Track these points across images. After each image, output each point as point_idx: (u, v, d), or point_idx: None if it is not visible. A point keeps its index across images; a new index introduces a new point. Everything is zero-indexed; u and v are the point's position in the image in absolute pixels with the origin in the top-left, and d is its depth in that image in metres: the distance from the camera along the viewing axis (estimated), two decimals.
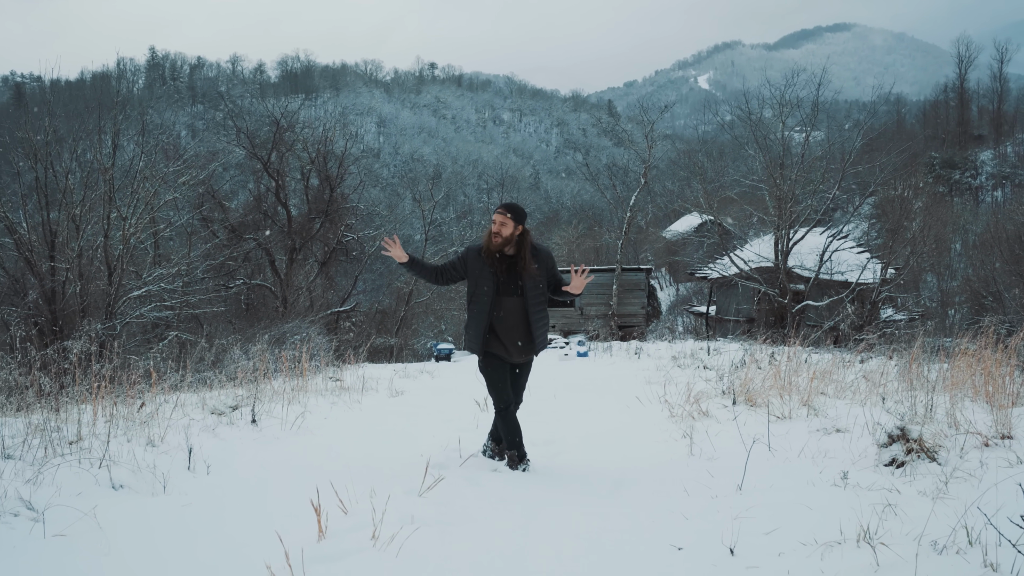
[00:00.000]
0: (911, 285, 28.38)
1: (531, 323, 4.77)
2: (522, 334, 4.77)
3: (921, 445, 4.23)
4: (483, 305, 4.72)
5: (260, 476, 4.73)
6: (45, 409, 5.34)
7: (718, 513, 3.83)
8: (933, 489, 3.74)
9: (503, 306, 4.73)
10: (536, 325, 4.80)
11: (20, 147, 12.77)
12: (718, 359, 12.43)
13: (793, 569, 3.04)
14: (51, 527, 3.32)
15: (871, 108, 28.56)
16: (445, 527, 3.68)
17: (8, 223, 12.32)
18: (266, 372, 8.49)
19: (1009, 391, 5.46)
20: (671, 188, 41.25)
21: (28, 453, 4.22)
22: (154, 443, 4.99)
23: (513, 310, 4.73)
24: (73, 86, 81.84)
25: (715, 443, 5.38)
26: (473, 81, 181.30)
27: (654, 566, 3.23)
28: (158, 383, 6.84)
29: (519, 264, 4.72)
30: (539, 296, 4.81)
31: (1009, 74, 76.46)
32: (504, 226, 4.66)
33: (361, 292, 27.99)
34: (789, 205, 23.18)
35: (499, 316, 4.73)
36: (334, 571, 3.11)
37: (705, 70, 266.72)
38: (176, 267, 15.88)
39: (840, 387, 7.03)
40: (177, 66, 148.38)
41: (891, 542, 3.09)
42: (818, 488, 4.07)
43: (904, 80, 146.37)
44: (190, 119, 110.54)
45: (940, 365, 6.92)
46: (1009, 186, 54.59)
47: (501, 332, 4.74)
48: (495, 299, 4.71)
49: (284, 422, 6.36)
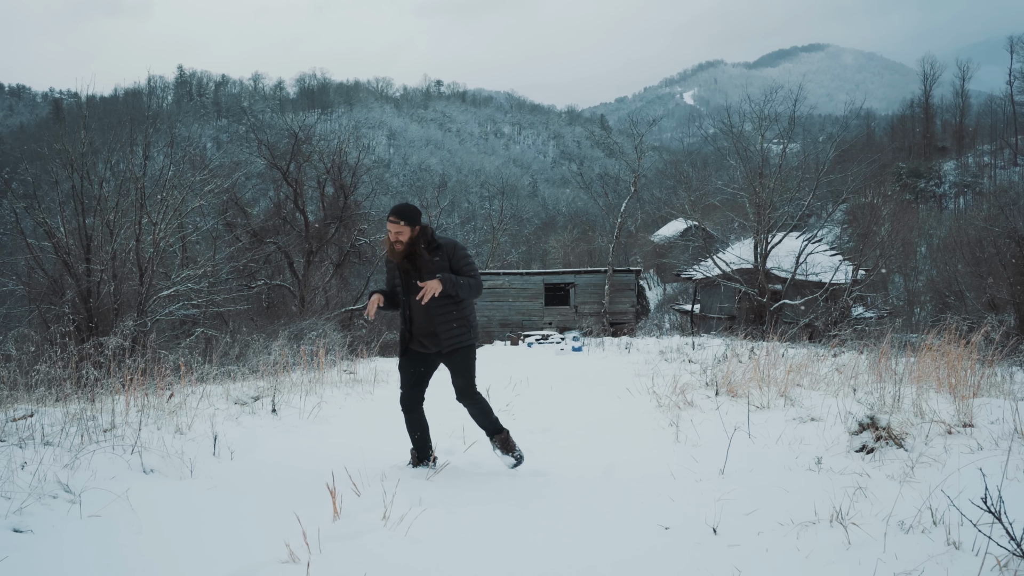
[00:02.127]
0: (880, 285, 28.37)
1: (432, 317, 4.40)
2: (429, 330, 4.43)
3: (889, 433, 4.23)
4: (402, 307, 4.52)
5: (280, 461, 4.73)
6: (81, 399, 5.34)
7: (702, 496, 3.83)
8: (900, 473, 3.74)
9: (412, 305, 4.44)
10: (438, 320, 4.41)
11: (58, 158, 12.78)
12: (702, 353, 12.42)
13: (771, 547, 3.04)
14: (87, 508, 3.32)
15: (843, 122, 28.48)
16: (451, 508, 3.68)
17: (47, 228, 12.33)
18: (285, 365, 8.48)
19: (970, 383, 5.46)
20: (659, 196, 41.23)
21: (66, 440, 4.22)
22: (182, 431, 4.99)
23: (419, 307, 4.40)
24: (107, 102, 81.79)
25: (699, 431, 5.38)
26: (476, 97, 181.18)
27: (643, 544, 3.23)
28: (186, 375, 6.83)
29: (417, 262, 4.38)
30: None
31: (970, 91, 76.48)
32: (400, 234, 4.32)
33: (373, 291, 28.03)
34: (767, 211, 23.16)
35: (410, 315, 4.48)
36: (348, 549, 3.11)
37: (690, 87, 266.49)
38: (202, 269, 15.86)
39: (814, 379, 7.02)
40: (203, 83, 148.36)
41: (862, 522, 3.09)
42: (794, 472, 4.07)
43: (874, 96, 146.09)
44: (215, 132, 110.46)
45: (907, 359, 6.91)
46: (970, 194, 54.55)
47: (416, 330, 4.48)
48: (406, 300, 4.46)
49: (302, 412, 6.36)
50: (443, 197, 37.07)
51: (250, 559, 2.97)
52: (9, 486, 3.34)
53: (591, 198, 36.50)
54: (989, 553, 2.48)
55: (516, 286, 29.02)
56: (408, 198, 57.11)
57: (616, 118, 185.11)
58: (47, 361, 5.74)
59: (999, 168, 59.28)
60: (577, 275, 29.12)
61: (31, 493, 3.32)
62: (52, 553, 2.88)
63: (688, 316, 32.12)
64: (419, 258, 4.36)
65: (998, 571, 2.42)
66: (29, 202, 12.72)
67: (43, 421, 4.49)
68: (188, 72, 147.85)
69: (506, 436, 4.61)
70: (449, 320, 4.44)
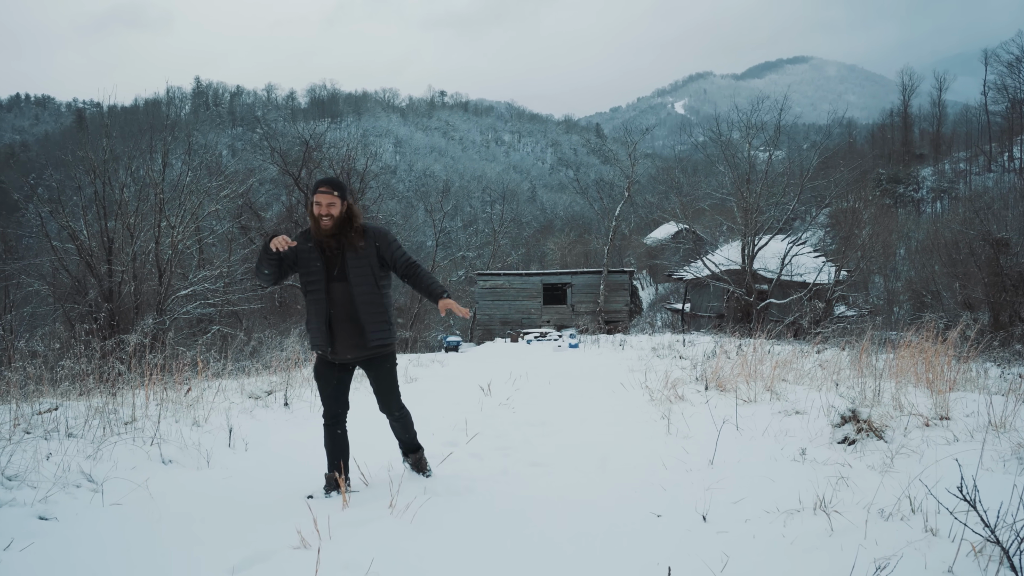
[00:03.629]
0: (861, 285, 28.34)
1: (359, 311, 3.61)
2: (354, 327, 3.65)
3: (870, 425, 4.22)
4: (314, 299, 3.66)
5: (292, 453, 4.73)
6: (104, 394, 5.34)
7: (692, 485, 3.83)
8: (880, 464, 3.74)
9: (332, 296, 3.64)
10: (365, 315, 3.62)
11: (81, 165, 12.80)
12: (692, 350, 12.41)
13: (758, 533, 3.04)
14: (109, 497, 3.32)
15: (826, 131, 28.51)
16: (453, 496, 3.68)
17: (71, 231, 12.33)
18: (297, 361, 8.48)
19: (947, 378, 5.46)
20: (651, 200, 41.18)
21: (89, 432, 4.22)
22: (199, 423, 4.99)
23: (341, 299, 3.63)
24: (128, 111, 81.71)
25: (690, 423, 5.37)
26: (478, 107, 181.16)
27: (636, 530, 3.23)
28: (203, 371, 6.83)
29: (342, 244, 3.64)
30: (367, 279, 3.67)
31: (947, 101, 76.44)
32: (332, 206, 3.59)
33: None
34: (754, 215, 23.15)
35: (327, 309, 3.65)
36: (357, 535, 3.11)
37: (681, 97, 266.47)
38: (218, 269, 15.86)
39: (799, 375, 7.02)
40: (219, 94, 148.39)
41: (844, 510, 3.09)
42: (780, 463, 4.07)
43: (855, 106, 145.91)
44: (230, 140, 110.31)
45: (886, 355, 6.91)
46: (947, 199, 54.52)
47: (337, 327, 3.64)
48: (322, 289, 3.63)
49: (313, 405, 6.35)
50: (446, 202, 37.04)
51: (264, 545, 2.97)
52: (35, 476, 3.34)
53: (587, 203, 36.47)
54: (964, 539, 2.48)
55: (516, 286, 29.05)
56: (413, 202, 57.12)
57: (611, 127, 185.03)
58: (71, 357, 5.74)
59: (974, 174, 59.27)
60: (574, 276, 29.13)
61: (56, 482, 3.32)
62: (76, 539, 2.88)
63: (679, 315, 32.09)
64: (345, 240, 3.64)
65: (973, 557, 2.42)
66: (54, 206, 12.73)
67: (67, 414, 4.49)
68: (205, 83, 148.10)
69: (420, 455, 4.13)
70: (377, 315, 3.68)
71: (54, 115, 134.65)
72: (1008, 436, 3.84)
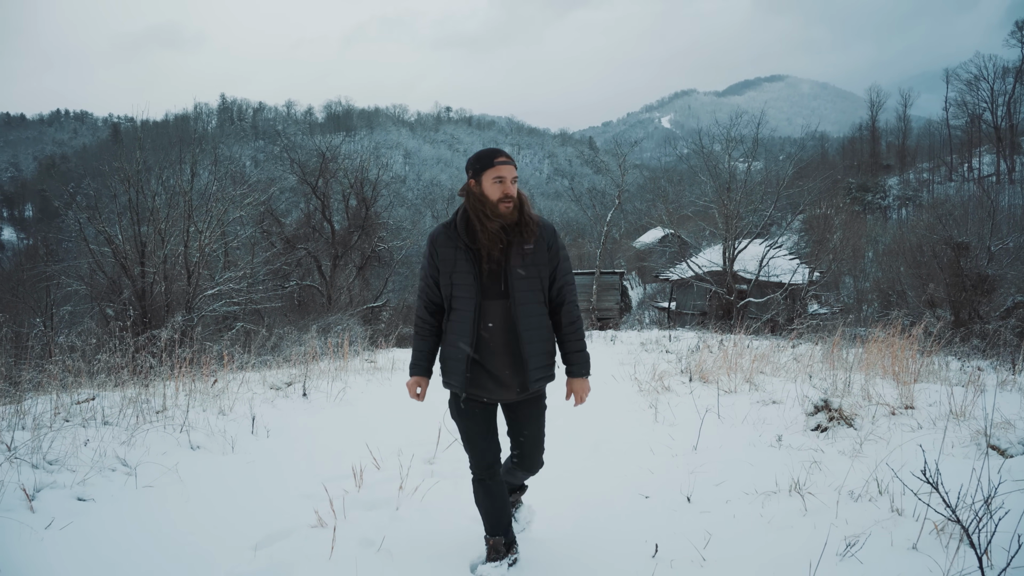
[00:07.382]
0: (832, 285, 28.31)
1: (520, 338, 2.40)
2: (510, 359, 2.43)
3: (841, 414, 4.22)
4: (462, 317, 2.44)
5: (310, 439, 4.72)
6: (137, 385, 5.33)
7: (677, 469, 3.83)
8: (850, 449, 3.74)
9: (488, 315, 2.41)
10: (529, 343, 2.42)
11: (117, 175, 12.79)
12: (678, 345, 12.41)
13: (738, 513, 3.04)
14: (142, 479, 3.32)
15: (800, 143, 28.52)
16: (458, 480, 3.68)
17: (107, 236, 12.34)
18: (315, 355, 8.47)
19: (912, 370, 5.46)
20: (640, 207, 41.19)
21: (123, 420, 4.22)
22: (224, 412, 4.98)
23: (499, 320, 2.41)
24: (159, 125, 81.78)
25: (675, 412, 5.37)
26: (480, 121, 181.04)
27: (626, 510, 3.23)
28: (228, 364, 6.83)
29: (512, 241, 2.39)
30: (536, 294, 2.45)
31: (912, 116, 76.45)
32: (516, 182, 2.41)
33: (391, 291, 27.87)
34: (735, 221, 23.16)
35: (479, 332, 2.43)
36: (370, 515, 3.11)
37: (667, 112, 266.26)
38: (242, 271, 15.84)
39: (776, 367, 7.02)
40: (243, 109, 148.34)
41: (817, 492, 3.09)
42: (758, 448, 4.07)
43: (827, 121, 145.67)
44: (253, 152, 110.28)
45: (856, 350, 6.91)
46: (911, 206, 54.45)
47: (487, 357, 2.43)
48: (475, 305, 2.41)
49: (329, 395, 6.35)
50: (452, 209, 37.04)
51: (284, 524, 2.98)
52: (74, 460, 3.34)
53: (581, 209, 36.42)
54: (928, 519, 2.48)
55: None
56: (421, 209, 57.03)
57: (603, 140, 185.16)
58: (107, 351, 5.73)
59: (936, 183, 59.30)
60: None
61: (93, 466, 3.32)
62: (111, 519, 2.88)
63: (665, 312, 32.07)
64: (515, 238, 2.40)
65: (935, 534, 2.42)
66: (91, 213, 12.72)
67: (103, 404, 4.48)
68: (230, 99, 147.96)
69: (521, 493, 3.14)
70: (542, 344, 2.48)
71: (91, 129, 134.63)
72: (968, 424, 3.84)
